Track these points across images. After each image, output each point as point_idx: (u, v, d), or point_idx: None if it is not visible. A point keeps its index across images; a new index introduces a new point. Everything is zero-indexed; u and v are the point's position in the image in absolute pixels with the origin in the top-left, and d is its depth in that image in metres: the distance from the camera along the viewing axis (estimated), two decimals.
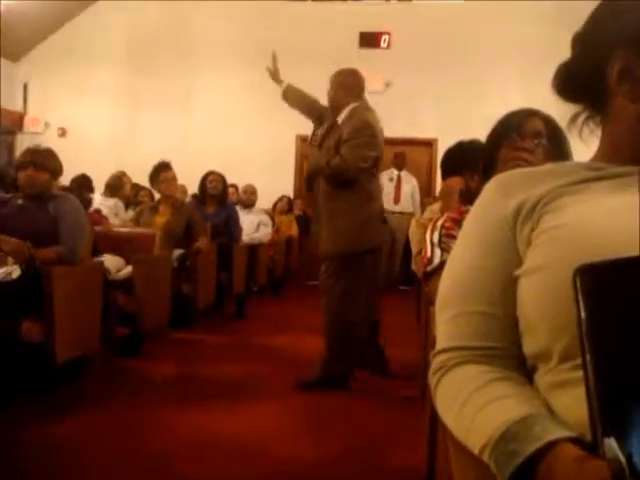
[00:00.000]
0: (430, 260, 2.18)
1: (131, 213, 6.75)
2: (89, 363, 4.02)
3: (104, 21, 10.41)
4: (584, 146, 1.13)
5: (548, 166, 1.04)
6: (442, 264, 2.03)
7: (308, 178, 4.45)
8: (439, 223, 2.26)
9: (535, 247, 0.91)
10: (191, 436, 3.17)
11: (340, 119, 4.19)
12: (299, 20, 10.03)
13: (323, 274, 4.19)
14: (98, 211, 6.40)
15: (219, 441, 3.13)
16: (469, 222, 1.05)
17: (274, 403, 3.78)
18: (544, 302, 0.86)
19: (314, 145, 4.27)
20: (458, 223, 2.11)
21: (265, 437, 3.22)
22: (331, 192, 4.13)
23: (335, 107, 4.24)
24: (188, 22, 10.24)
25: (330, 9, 10.14)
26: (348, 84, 4.24)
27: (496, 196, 1.00)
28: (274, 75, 4.60)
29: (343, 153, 3.99)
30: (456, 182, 3.10)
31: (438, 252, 2.18)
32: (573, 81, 1.01)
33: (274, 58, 4.58)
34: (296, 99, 4.60)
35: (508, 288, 0.93)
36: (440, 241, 2.19)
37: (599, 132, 1.02)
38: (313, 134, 4.36)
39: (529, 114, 2.03)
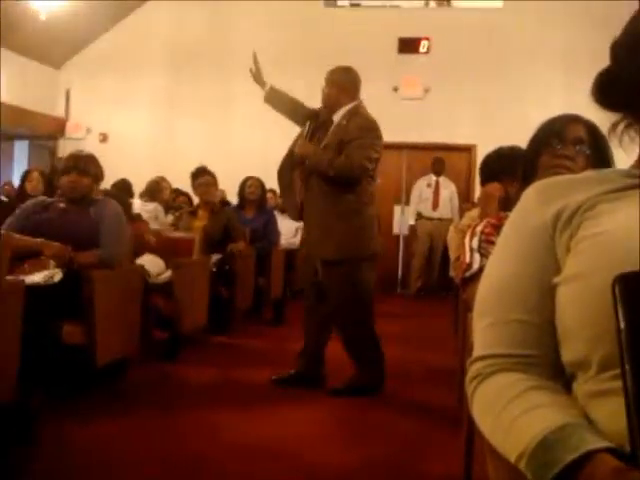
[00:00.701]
0: (469, 265, 2.18)
1: (170, 217, 6.82)
2: (128, 366, 4.07)
3: (145, 28, 10.54)
4: (625, 154, 1.11)
5: (587, 173, 1.03)
6: (481, 269, 2.02)
7: (283, 175, 4.26)
8: (478, 229, 2.25)
9: (574, 255, 0.91)
10: (227, 439, 3.19)
11: (337, 118, 4.09)
12: (338, 26, 10.03)
13: (328, 281, 4.05)
14: (138, 215, 6.47)
15: (254, 445, 3.14)
16: (507, 229, 1.04)
17: (310, 408, 3.78)
18: (583, 310, 0.86)
19: (310, 142, 4.11)
20: (497, 229, 2.10)
21: (299, 442, 3.23)
22: (330, 194, 4.00)
23: (330, 105, 4.14)
24: (228, 28, 10.32)
25: (369, 15, 10.14)
26: (344, 83, 4.14)
27: (535, 203, 0.99)
28: (256, 77, 4.41)
29: (349, 153, 3.89)
30: (495, 188, 3.07)
31: (477, 257, 2.17)
32: (612, 89, 0.99)
33: (255, 59, 4.39)
34: (280, 102, 4.46)
35: (546, 296, 0.93)
36: (479, 247, 2.18)
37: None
38: (307, 130, 4.17)
39: (571, 120, 2.01)
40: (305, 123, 4.21)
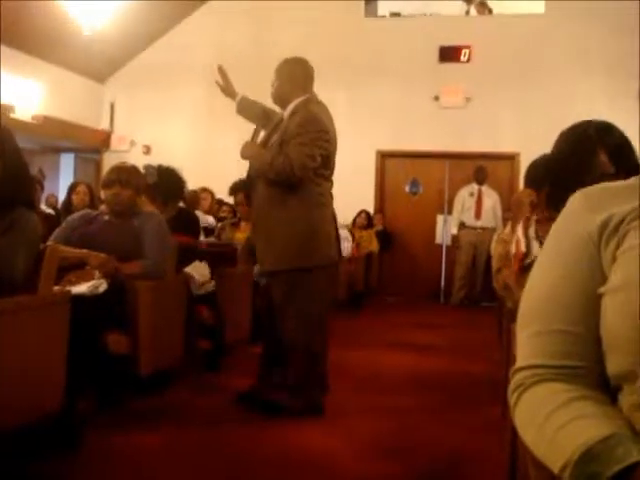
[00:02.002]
0: (526, 254, 2.20)
1: None
2: (172, 375, 4.09)
3: (187, 42, 10.66)
4: None
5: (634, 181, 1.00)
6: None
7: (249, 181, 3.91)
8: (533, 217, 2.28)
9: (620, 264, 0.89)
10: (269, 451, 3.19)
11: (286, 114, 3.81)
12: (378, 36, 10.03)
13: (274, 295, 3.78)
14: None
15: (296, 456, 3.14)
16: (553, 235, 1.02)
17: (354, 420, 3.76)
18: (629, 321, 0.84)
19: (256, 144, 3.84)
20: (549, 220, 2.11)
21: (343, 454, 3.21)
22: (274, 197, 3.71)
23: (281, 100, 3.88)
24: (269, 41, 10.37)
25: (409, 24, 10.12)
26: (295, 75, 3.88)
27: (582, 210, 0.98)
28: (226, 89, 4.24)
29: (288, 152, 3.59)
30: (524, 194, 3.08)
31: (536, 245, 2.19)
32: None
33: (221, 72, 4.25)
34: (251, 112, 4.21)
35: (590, 306, 0.91)
36: (537, 234, 2.21)
37: None
38: (254, 131, 3.89)
39: (593, 154, 1.95)
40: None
